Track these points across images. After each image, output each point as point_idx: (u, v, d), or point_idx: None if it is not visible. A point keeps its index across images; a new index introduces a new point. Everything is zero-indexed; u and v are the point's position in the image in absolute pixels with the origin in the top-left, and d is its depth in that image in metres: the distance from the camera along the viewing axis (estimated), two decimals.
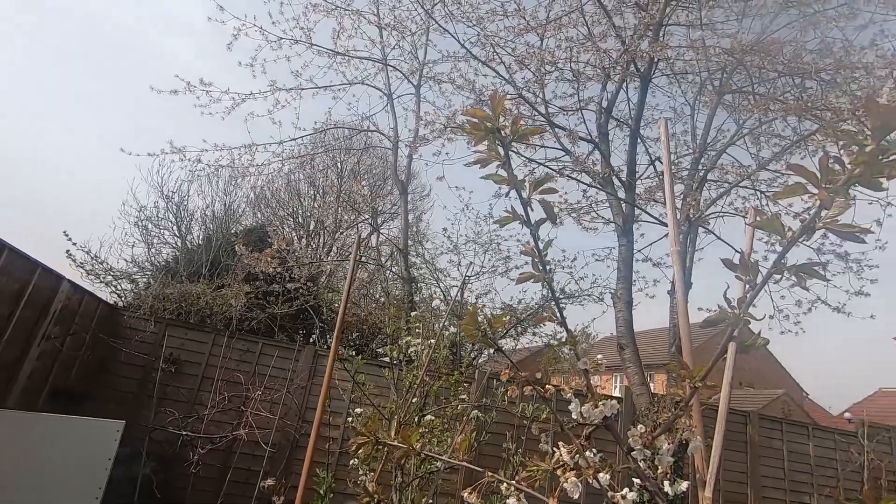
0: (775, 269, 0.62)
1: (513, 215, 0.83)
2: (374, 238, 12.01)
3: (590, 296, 9.45)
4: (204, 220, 9.89)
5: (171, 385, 5.24)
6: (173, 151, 7.22)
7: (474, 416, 3.02)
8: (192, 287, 6.32)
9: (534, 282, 0.84)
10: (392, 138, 8.65)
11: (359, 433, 0.96)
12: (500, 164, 0.80)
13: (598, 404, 0.91)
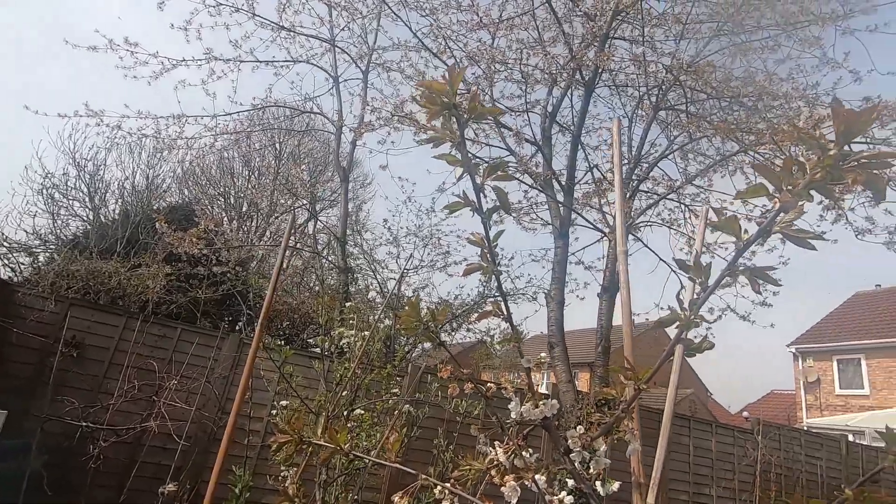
0: (729, 271, 0.61)
1: (464, 201, 0.77)
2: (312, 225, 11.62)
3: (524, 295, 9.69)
4: (122, 192, 9.09)
5: (73, 371, 4.74)
6: (89, 115, 6.54)
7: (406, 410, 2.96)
8: (103, 264, 5.75)
9: (482, 273, 0.79)
10: (336, 122, 8.36)
11: (281, 430, 0.87)
12: (454, 144, 0.74)
13: (539, 404, 0.88)
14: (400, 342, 7.56)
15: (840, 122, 0.50)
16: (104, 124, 6.74)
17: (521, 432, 0.95)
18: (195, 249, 6.58)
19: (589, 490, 0.88)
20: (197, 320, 6.73)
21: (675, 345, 0.68)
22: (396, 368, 3.31)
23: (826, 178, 0.51)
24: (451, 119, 0.73)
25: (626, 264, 0.93)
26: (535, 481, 0.80)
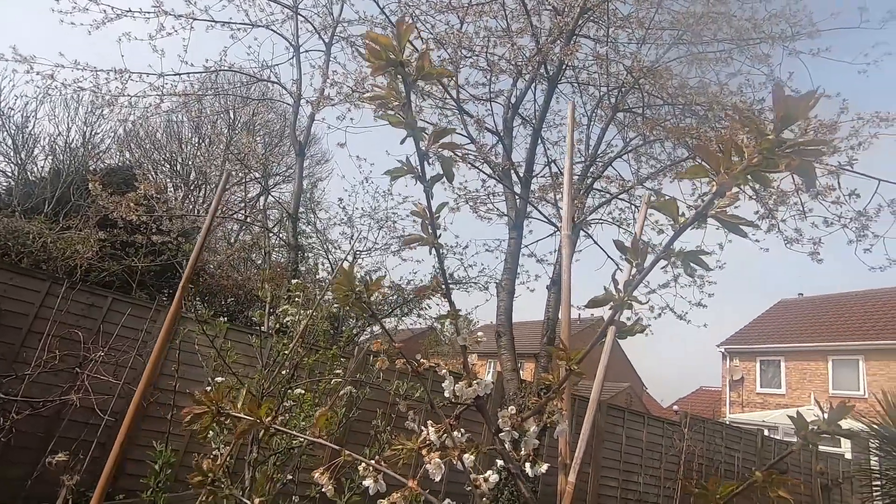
0: (664, 253, 0.61)
1: (406, 167, 0.73)
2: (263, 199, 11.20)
3: (476, 283, 9.77)
4: (54, 149, 8.41)
5: None
6: (17, 60, 5.97)
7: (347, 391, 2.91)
8: (27, 224, 5.30)
9: (421, 244, 0.76)
10: (294, 94, 8.04)
11: (197, 401, 0.81)
12: (399, 104, 0.69)
13: (472, 383, 0.87)
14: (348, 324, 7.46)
15: (780, 107, 0.50)
16: (34, 72, 6.18)
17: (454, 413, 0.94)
18: (133, 216, 6.19)
19: (516, 470, 0.88)
20: (132, 291, 6.36)
21: (607, 326, 0.67)
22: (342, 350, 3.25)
23: (763, 162, 0.51)
24: (398, 78, 0.69)
25: (570, 248, 0.92)
26: (462, 460, 0.79)
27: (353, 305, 0.74)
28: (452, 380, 0.88)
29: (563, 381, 0.77)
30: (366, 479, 0.81)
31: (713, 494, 0.66)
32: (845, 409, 0.58)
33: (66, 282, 4.85)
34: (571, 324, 1.11)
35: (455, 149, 0.74)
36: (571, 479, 0.63)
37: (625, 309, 0.64)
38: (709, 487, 0.66)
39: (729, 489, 0.66)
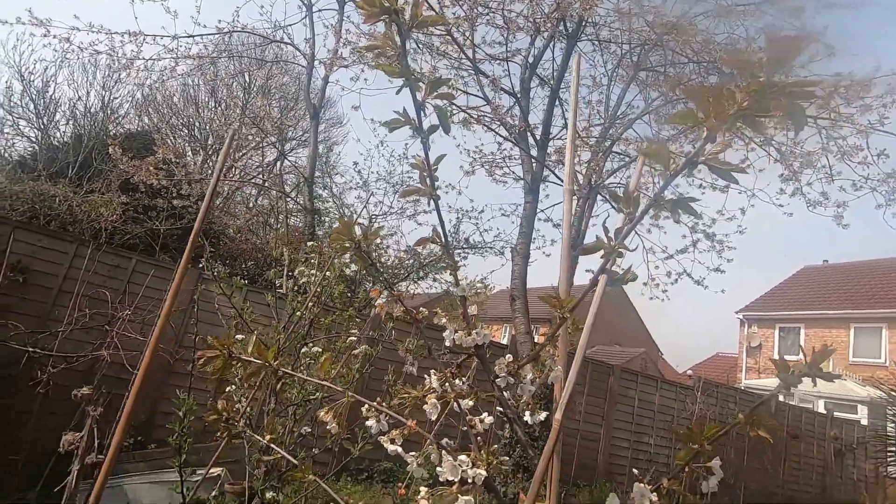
0: (654, 201, 0.61)
1: (403, 118, 0.74)
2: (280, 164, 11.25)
3: (491, 248, 9.79)
4: (74, 114, 8.51)
5: (17, 296, 4.57)
6: (33, 23, 5.98)
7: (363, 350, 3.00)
8: (52, 188, 5.45)
9: (420, 195, 0.77)
10: (307, 55, 7.93)
11: (209, 346, 0.86)
12: (395, 54, 0.70)
13: (472, 332, 0.89)
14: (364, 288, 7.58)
15: (772, 48, 0.50)
16: (52, 35, 6.19)
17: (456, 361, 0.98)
18: (153, 179, 6.30)
19: (513, 415, 0.92)
20: (155, 253, 6.54)
21: (598, 274, 0.69)
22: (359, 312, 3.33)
23: (753, 106, 0.51)
24: (392, 26, 0.69)
25: (570, 203, 0.93)
26: (459, 403, 0.83)
27: (354, 253, 0.76)
28: (453, 329, 0.91)
29: (557, 329, 0.79)
30: (368, 420, 0.86)
31: (698, 436, 0.68)
32: (827, 353, 0.60)
33: (92, 244, 5.01)
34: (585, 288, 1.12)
35: (451, 99, 0.75)
36: (558, 417, 0.66)
37: (615, 257, 0.65)
38: (694, 430, 0.68)
39: (713, 430, 0.68)
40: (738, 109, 0.52)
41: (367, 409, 0.84)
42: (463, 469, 0.71)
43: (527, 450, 0.96)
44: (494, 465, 0.73)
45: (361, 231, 0.76)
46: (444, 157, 0.80)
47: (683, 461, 0.69)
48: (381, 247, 8.67)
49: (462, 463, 0.71)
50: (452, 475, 0.71)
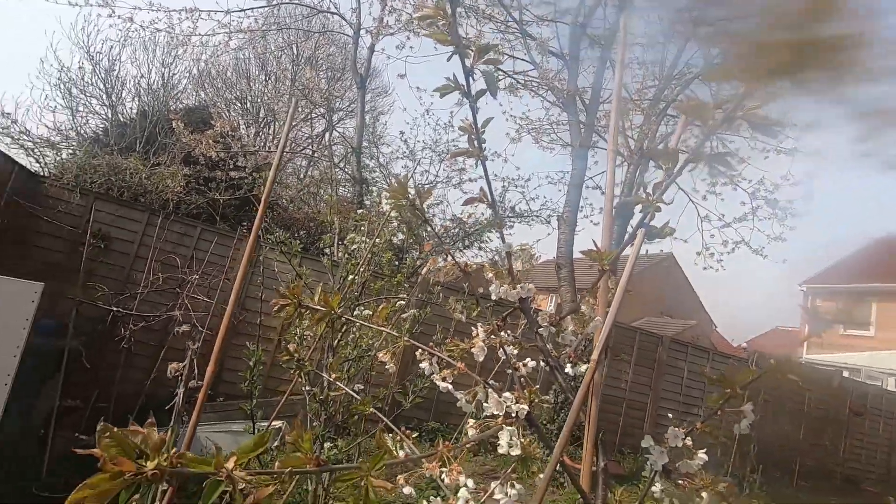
0: (692, 156, 0.64)
1: (453, 84, 0.79)
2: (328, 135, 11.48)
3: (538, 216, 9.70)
4: (138, 91, 8.99)
5: (101, 261, 5.03)
6: (100, 4, 6.33)
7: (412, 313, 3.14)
8: (124, 161, 5.87)
9: (467, 156, 0.83)
10: (353, 24, 7.97)
11: (282, 295, 0.97)
12: (445, 23, 0.74)
13: (516, 286, 0.96)
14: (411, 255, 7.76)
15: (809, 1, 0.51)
16: (116, 16, 6.54)
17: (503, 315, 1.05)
18: (212, 152, 6.63)
19: (554, 364, 0.98)
20: (216, 222, 6.95)
21: (637, 229, 0.72)
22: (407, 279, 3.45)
23: (793, 58, 0.53)
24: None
25: (614, 162, 0.96)
26: (505, 349, 0.90)
27: (409, 212, 0.84)
28: (498, 283, 0.98)
29: (597, 281, 0.84)
30: (422, 363, 0.95)
31: (730, 381, 0.73)
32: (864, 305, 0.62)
33: (162, 213, 5.40)
34: (639, 258, 1.14)
35: (498, 64, 0.79)
36: (594, 357, 0.72)
37: (654, 211, 0.69)
38: (726, 375, 0.72)
39: (746, 375, 0.72)
40: (777, 64, 0.54)
41: (421, 352, 0.93)
42: (507, 404, 0.79)
43: (568, 395, 1.00)
44: (536, 403, 0.81)
45: (416, 190, 0.83)
46: (491, 120, 0.85)
47: (716, 405, 0.73)
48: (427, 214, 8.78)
49: (506, 399, 0.79)
50: (497, 409, 0.79)
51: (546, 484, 0.66)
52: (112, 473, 0.38)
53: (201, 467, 0.43)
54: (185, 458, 0.42)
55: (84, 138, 7.52)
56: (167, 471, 0.41)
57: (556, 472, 0.78)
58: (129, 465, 0.39)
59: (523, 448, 0.73)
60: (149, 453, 0.41)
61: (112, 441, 0.40)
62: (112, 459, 0.38)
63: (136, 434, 0.42)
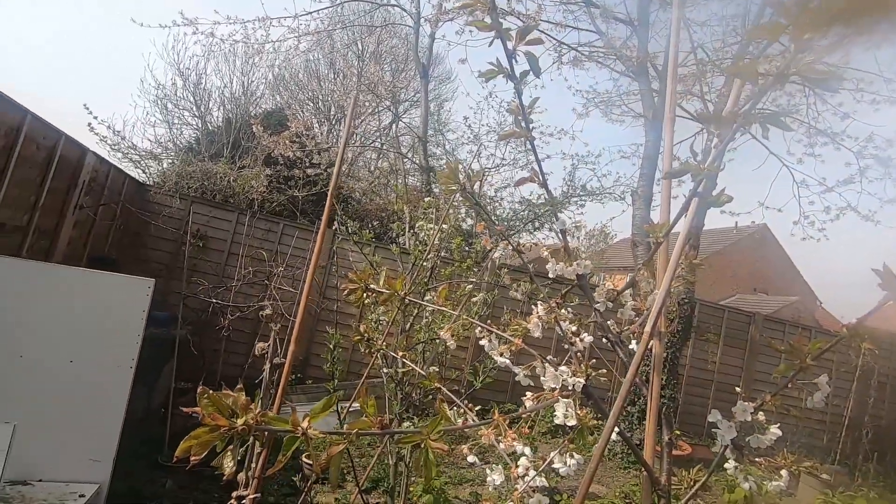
0: (744, 118, 0.61)
1: (497, 68, 0.81)
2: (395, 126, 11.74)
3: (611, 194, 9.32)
4: (222, 100, 9.72)
5: (200, 259, 5.58)
6: (185, 23, 6.89)
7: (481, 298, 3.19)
8: (214, 166, 6.42)
9: (516, 137, 0.85)
10: (413, 14, 8.04)
11: (350, 280, 1.05)
12: (485, 10, 0.77)
13: (572, 263, 0.97)
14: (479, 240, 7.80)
15: None
16: (199, 32, 7.10)
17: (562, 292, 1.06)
18: (290, 152, 7.04)
19: (615, 339, 0.98)
20: (296, 218, 7.40)
21: (690, 198, 0.71)
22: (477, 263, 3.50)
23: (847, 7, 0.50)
24: None
25: (672, 132, 0.93)
26: (560, 325, 0.91)
27: (460, 194, 0.87)
28: (554, 261, 0.99)
29: (653, 253, 0.83)
30: (481, 340, 0.99)
31: (800, 351, 0.70)
32: None
33: (249, 212, 5.86)
34: (726, 232, 1.09)
35: (539, 44, 0.80)
36: (647, 329, 0.72)
37: (705, 179, 0.67)
38: (794, 345, 0.69)
39: (817, 345, 0.69)
40: (831, 16, 0.51)
41: (481, 330, 0.97)
42: (563, 378, 0.81)
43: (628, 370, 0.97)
44: (593, 377, 0.82)
45: (466, 174, 0.86)
46: (537, 100, 0.86)
47: (786, 374, 0.71)
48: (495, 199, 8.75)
49: (563, 373, 0.81)
50: (554, 383, 0.81)
51: (600, 452, 0.67)
52: (210, 427, 0.46)
53: (280, 425, 0.51)
54: (267, 417, 0.50)
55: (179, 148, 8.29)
56: (253, 427, 0.48)
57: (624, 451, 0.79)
58: (224, 420, 0.47)
59: (579, 419, 0.75)
60: (238, 412, 0.49)
61: (209, 402, 0.48)
62: (210, 416, 0.46)
63: (227, 397, 0.50)
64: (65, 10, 22.22)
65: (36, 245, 3.78)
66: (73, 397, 2.30)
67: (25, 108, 3.22)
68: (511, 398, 6.56)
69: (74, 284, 2.36)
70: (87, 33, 22.05)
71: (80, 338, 2.32)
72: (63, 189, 4.04)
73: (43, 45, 20.55)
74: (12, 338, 2.21)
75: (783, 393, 0.85)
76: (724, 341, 8.03)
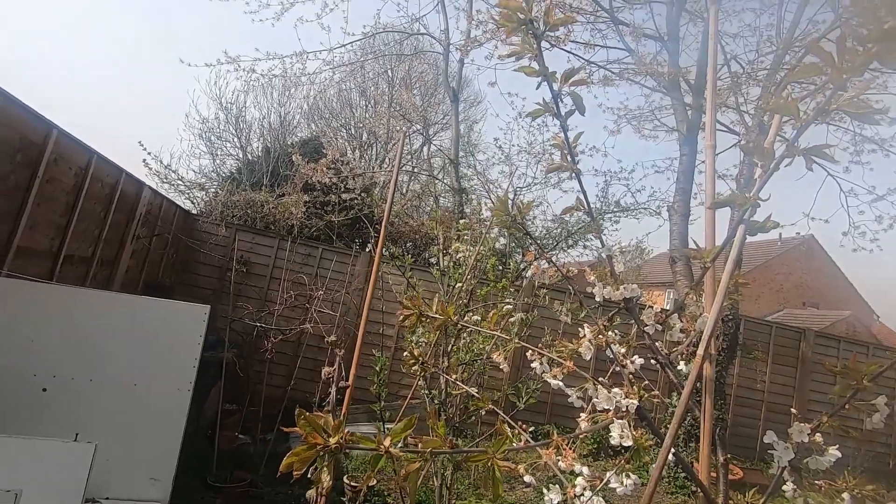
0: (787, 152, 0.65)
1: (544, 107, 0.87)
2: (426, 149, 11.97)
3: (646, 209, 9.18)
4: (262, 131, 10.18)
5: (244, 284, 5.80)
6: (228, 61, 7.32)
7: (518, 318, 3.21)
8: (256, 195, 6.71)
9: (562, 170, 0.90)
10: (443, 42, 8.28)
11: (405, 306, 1.11)
12: (532, 56, 0.83)
13: (619, 287, 1.00)
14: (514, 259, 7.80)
15: None
16: (241, 69, 7.52)
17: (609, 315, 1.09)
18: (326, 179, 7.30)
19: (664, 361, 1.00)
20: (333, 242, 7.62)
21: (737, 225, 0.74)
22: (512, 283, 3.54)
23: (878, 53, 0.53)
24: (529, 34, 0.82)
25: (713, 158, 0.96)
26: (611, 347, 0.95)
27: (510, 226, 0.93)
28: (601, 285, 1.03)
29: (701, 277, 0.86)
30: (533, 363, 1.03)
31: (856, 372, 0.71)
32: None
33: (289, 238, 6.08)
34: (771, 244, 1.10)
35: (584, 85, 0.85)
36: (700, 352, 0.75)
37: (752, 208, 0.70)
38: (849, 365, 0.71)
39: (872, 367, 0.70)
40: (865, 57, 0.55)
41: (531, 353, 1.01)
42: (616, 399, 0.84)
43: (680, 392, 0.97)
44: (646, 398, 0.85)
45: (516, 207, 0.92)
46: (581, 134, 0.92)
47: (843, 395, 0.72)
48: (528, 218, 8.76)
49: (615, 394, 0.84)
50: (608, 404, 0.84)
51: (658, 473, 0.70)
52: (309, 445, 0.52)
53: (367, 443, 0.56)
54: (355, 437, 0.56)
55: (223, 178, 8.71)
56: (344, 445, 0.54)
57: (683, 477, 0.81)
58: (320, 438, 0.53)
59: (635, 439, 0.78)
60: (330, 432, 0.55)
61: (306, 423, 0.54)
62: (309, 435, 0.52)
63: (319, 418, 0.56)
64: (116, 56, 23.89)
65: (99, 274, 4.04)
66: (136, 419, 2.44)
67: (92, 149, 3.49)
68: (549, 419, 6.46)
69: (138, 311, 2.52)
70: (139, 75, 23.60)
71: (143, 362, 2.47)
72: (123, 221, 4.33)
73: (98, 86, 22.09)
74: (84, 363, 2.37)
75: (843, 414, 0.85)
76: (773, 359, 7.69)
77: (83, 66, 25.05)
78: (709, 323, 0.73)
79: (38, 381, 2.31)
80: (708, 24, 6.43)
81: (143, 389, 2.47)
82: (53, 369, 2.34)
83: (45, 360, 2.32)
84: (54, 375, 2.34)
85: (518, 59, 0.86)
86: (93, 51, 24.35)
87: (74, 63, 25.85)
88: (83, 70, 24.48)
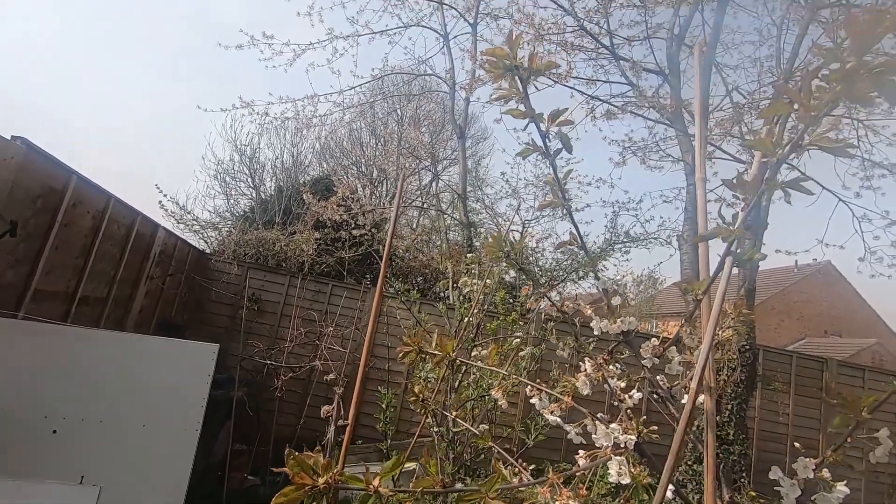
0: (766, 185, 0.66)
1: (533, 147, 0.90)
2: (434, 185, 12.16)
3: (656, 239, 9.13)
4: (274, 171, 10.45)
5: (255, 321, 5.84)
6: (243, 106, 7.60)
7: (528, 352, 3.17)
8: (268, 233, 6.83)
9: (553, 206, 0.92)
10: (449, 81, 8.55)
11: (405, 343, 1.12)
12: (518, 99, 0.87)
13: (616, 320, 1.00)
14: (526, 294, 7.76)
15: (854, 37, 0.54)
16: (255, 112, 7.80)
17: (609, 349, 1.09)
18: (337, 216, 7.42)
19: (665, 394, 1.00)
20: (343, 277, 7.67)
21: (724, 258, 0.75)
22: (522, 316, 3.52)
23: (843, 92, 0.56)
24: (515, 78, 0.86)
25: (704, 190, 0.98)
26: (609, 381, 0.94)
27: (506, 262, 0.95)
28: (599, 319, 1.03)
29: (693, 311, 0.86)
30: (532, 398, 1.02)
31: (854, 404, 0.70)
32: None
33: (300, 275, 6.14)
34: (787, 271, 1.10)
35: (569, 125, 0.88)
36: (693, 386, 0.74)
37: (736, 240, 0.71)
38: (848, 398, 0.70)
39: (871, 399, 0.69)
40: (831, 96, 0.57)
41: (531, 388, 1.01)
42: (615, 435, 0.83)
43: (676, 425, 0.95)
44: (644, 434, 0.84)
45: (509, 242, 0.94)
46: (570, 172, 0.94)
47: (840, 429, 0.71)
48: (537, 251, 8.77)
49: (613, 430, 0.83)
50: (606, 440, 0.84)
51: None
52: (297, 485, 0.53)
53: (356, 483, 0.57)
54: (343, 476, 0.56)
55: (236, 217, 8.90)
56: (332, 485, 0.55)
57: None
58: (308, 479, 0.53)
59: (632, 476, 0.77)
60: (320, 472, 0.55)
61: (295, 463, 0.55)
62: (297, 475, 0.53)
63: (309, 458, 0.57)
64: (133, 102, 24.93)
65: (113, 314, 4.11)
66: (144, 459, 2.43)
67: (110, 193, 3.62)
68: (565, 457, 6.26)
69: (148, 352, 2.55)
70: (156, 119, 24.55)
71: (152, 402, 2.48)
72: (138, 262, 4.42)
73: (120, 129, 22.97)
74: (94, 404, 2.39)
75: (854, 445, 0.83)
76: (796, 390, 7.44)
77: (105, 112, 26.18)
78: (701, 355, 0.73)
79: (49, 423, 2.33)
80: (706, 57, 6.57)
81: (151, 430, 2.47)
82: (64, 411, 2.36)
83: (56, 402, 2.34)
84: (64, 417, 2.35)
85: (506, 102, 0.90)
86: (116, 96, 25.50)
87: (96, 111, 27.03)
88: (105, 116, 25.56)
